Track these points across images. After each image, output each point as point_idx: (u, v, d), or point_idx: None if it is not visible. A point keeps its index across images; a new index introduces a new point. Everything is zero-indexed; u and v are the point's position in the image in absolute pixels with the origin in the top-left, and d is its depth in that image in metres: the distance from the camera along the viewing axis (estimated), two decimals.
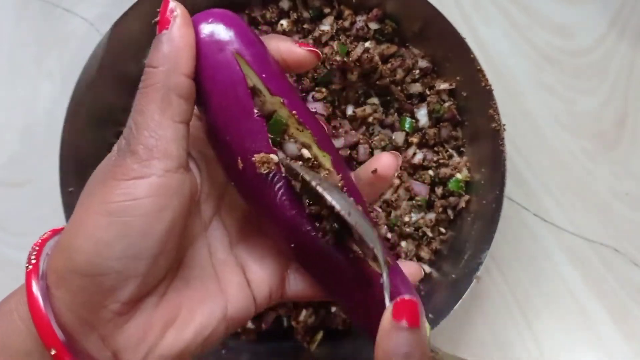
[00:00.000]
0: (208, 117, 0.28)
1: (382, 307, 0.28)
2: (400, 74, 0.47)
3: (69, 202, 0.44)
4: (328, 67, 0.45)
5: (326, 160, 0.29)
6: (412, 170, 0.48)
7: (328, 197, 0.26)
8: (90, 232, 0.25)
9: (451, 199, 0.47)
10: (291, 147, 0.28)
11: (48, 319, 0.25)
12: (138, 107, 0.26)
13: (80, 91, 0.44)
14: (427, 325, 0.31)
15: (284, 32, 0.47)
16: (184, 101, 0.26)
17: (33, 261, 0.26)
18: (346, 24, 0.47)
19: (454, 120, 0.47)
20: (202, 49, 0.27)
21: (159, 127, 0.25)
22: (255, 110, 0.27)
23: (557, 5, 0.52)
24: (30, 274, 0.26)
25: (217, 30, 0.27)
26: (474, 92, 0.45)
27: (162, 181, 0.25)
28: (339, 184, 0.29)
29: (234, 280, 0.31)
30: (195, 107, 0.28)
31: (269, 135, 0.27)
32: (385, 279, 0.26)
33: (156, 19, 0.26)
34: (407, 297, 0.25)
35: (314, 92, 0.46)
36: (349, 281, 0.30)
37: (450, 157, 0.48)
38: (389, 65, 0.47)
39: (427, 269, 0.47)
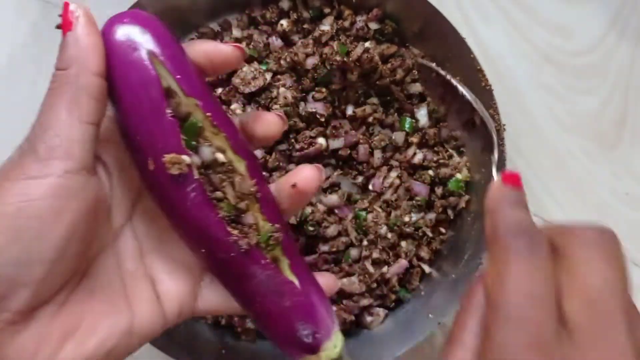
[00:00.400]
0: (121, 117, 0.27)
1: (294, 316, 0.29)
2: (400, 73, 0.47)
3: None
4: (328, 67, 0.45)
5: (241, 165, 0.29)
6: (412, 170, 0.48)
7: (460, 88, 0.27)
8: None
9: (451, 199, 0.47)
10: (206, 151, 0.28)
11: None
12: (45, 106, 0.25)
13: None
14: (340, 336, 0.31)
15: (284, 32, 0.47)
16: (95, 101, 0.25)
17: None
18: (346, 24, 0.47)
19: (454, 119, 0.47)
20: (116, 49, 0.26)
21: (64, 126, 0.24)
22: (169, 111, 0.27)
23: (557, 6, 0.52)
24: None
25: (132, 31, 0.27)
26: (474, 92, 0.45)
27: (60, 182, 0.24)
28: (252, 190, 0.29)
29: (143, 293, 0.30)
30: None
31: (183, 137, 0.27)
32: (495, 153, 0.32)
33: (59, 23, 0.26)
34: (512, 171, 0.25)
35: (314, 92, 0.46)
36: (262, 290, 0.29)
37: (450, 157, 0.48)
38: (389, 65, 0.47)
39: (427, 269, 0.47)
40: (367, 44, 0.46)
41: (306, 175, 0.31)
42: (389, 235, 0.46)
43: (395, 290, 0.46)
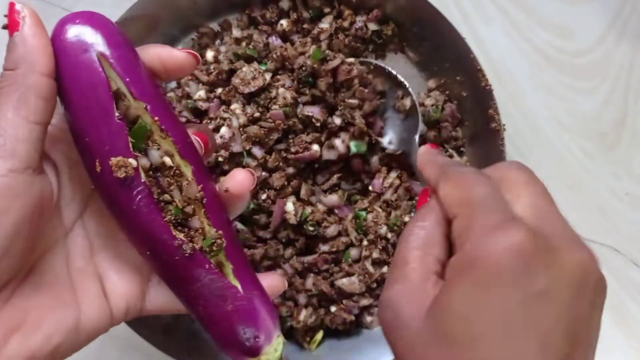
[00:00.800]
0: (70, 118, 0.27)
1: (235, 319, 0.30)
2: (370, 106, 0.45)
3: None
4: (309, 70, 0.44)
5: (188, 170, 0.29)
6: (413, 170, 0.48)
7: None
8: None
9: None
10: (154, 154, 0.28)
11: None
12: None
13: None
14: (281, 340, 0.32)
15: (283, 32, 0.48)
16: (43, 101, 0.25)
17: None
18: (345, 24, 0.47)
19: (454, 119, 0.47)
20: (66, 49, 0.26)
21: (9, 125, 0.24)
22: (117, 114, 0.27)
23: (557, 6, 0.52)
24: None
25: (83, 31, 0.27)
26: (474, 92, 0.45)
27: (4, 181, 0.24)
28: (198, 195, 0.29)
29: (91, 290, 0.30)
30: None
31: (131, 140, 0.27)
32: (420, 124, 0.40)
33: (5, 24, 0.26)
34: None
35: (301, 97, 0.45)
36: (205, 293, 0.30)
37: (451, 157, 0.48)
38: (367, 90, 0.45)
39: None
40: (351, 60, 0.44)
41: (238, 179, 0.31)
42: (389, 235, 0.46)
43: None
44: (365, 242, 0.46)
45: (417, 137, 0.45)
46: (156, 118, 0.28)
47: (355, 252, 0.46)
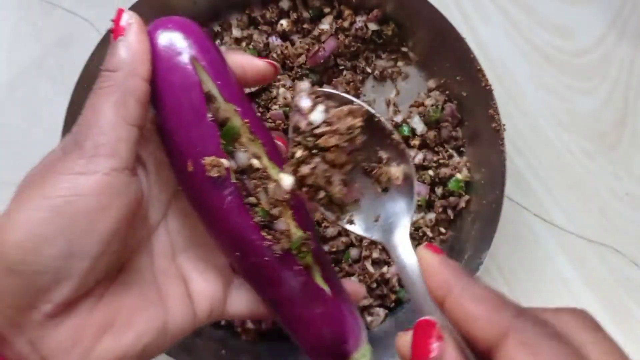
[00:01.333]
0: (161, 120, 0.28)
1: (324, 323, 0.29)
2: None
3: None
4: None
5: (275, 172, 0.29)
6: None
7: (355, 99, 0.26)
8: (28, 227, 0.24)
9: (451, 199, 0.47)
10: (242, 156, 0.28)
11: None
12: (91, 105, 0.26)
13: (80, 91, 0.44)
14: (369, 348, 0.31)
15: (283, 32, 0.48)
16: (139, 104, 0.26)
17: None
18: (345, 24, 0.47)
19: (454, 119, 0.47)
20: (160, 53, 0.27)
21: (110, 126, 0.25)
22: (209, 115, 0.27)
23: (557, 6, 0.52)
24: None
25: (175, 36, 0.27)
26: (474, 92, 0.45)
27: (107, 180, 0.25)
28: (286, 197, 0.29)
29: (176, 291, 0.30)
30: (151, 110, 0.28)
31: (221, 141, 0.28)
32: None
33: (111, 27, 0.27)
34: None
35: None
36: (293, 295, 0.29)
37: (450, 157, 0.48)
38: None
39: None
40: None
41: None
42: None
43: (395, 290, 0.46)
44: (365, 242, 0.46)
45: (407, 225, 0.29)
46: (246, 120, 0.28)
47: (355, 252, 0.46)
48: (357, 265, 0.46)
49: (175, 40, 0.27)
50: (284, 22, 0.47)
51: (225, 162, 0.27)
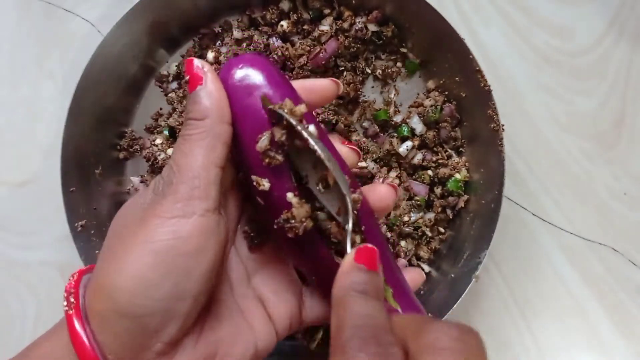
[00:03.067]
0: (241, 157, 0.29)
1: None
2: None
3: (71, 202, 0.44)
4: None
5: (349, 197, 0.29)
6: (412, 170, 0.48)
7: (312, 142, 0.27)
8: (135, 272, 0.25)
9: (450, 198, 0.47)
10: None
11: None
12: (182, 151, 0.27)
13: (81, 92, 0.44)
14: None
15: (284, 33, 0.48)
16: (226, 147, 0.28)
17: (72, 302, 0.26)
18: (345, 25, 0.47)
19: (453, 119, 0.48)
20: (234, 94, 0.28)
21: (202, 169, 0.26)
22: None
23: (555, 6, 0.52)
24: (72, 317, 0.25)
25: (246, 74, 0.29)
26: (473, 93, 0.45)
27: (203, 221, 0.26)
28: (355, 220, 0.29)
29: (257, 314, 0.31)
30: None
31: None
32: (349, 226, 0.27)
33: (186, 78, 0.28)
34: (369, 245, 0.26)
35: None
36: None
37: (450, 157, 0.48)
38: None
39: (427, 268, 0.47)
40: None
41: (380, 194, 0.32)
42: (389, 234, 0.46)
43: None
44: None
45: (348, 238, 0.29)
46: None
47: None
48: None
49: (246, 79, 0.29)
50: (284, 23, 0.48)
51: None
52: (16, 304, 0.50)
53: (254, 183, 0.28)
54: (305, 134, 0.27)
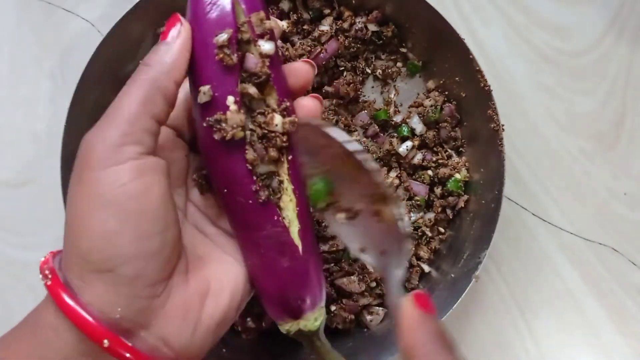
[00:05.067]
0: (193, 70, 0.29)
1: (287, 277, 0.30)
2: None
3: None
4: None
5: (278, 120, 0.30)
6: (412, 170, 0.48)
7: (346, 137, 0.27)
8: (95, 228, 0.25)
9: (450, 198, 0.47)
10: (252, 90, 0.29)
11: (92, 318, 0.25)
12: (121, 94, 0.27)
13: (81, 92, 0.44)
14: (323, 312, 0.32)
15: (284, 33, 0.48)
16: (166, 104, 0.28)
17: (48, 274, 0.26)
18: (345, 25, 0.47)
19: (453, 119, 0.48)
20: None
21: (136, 117, 0.26)
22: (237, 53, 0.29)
23: (555, 6, 0.52)
24: (55, 287, 0.26)
25: None
26: (473, 93, 0.45)
27: (140, 163, 0.26)
28: (284, 145, 0.30)
29: (235, 246, 0.32)
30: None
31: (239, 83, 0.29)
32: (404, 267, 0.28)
33: (161, 29, 0.28)
34: (420, 291, 0.26)
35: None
36: (266, 243, 0.31)
37: (450, 157, 0.48)
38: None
39: (427, 268, 0.47)
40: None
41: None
42: None
43: None
44: None
45: (403, 267, 0.28)
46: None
47: None
48: (357, 264, 0.46)
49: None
50: (284, 23, 0.48)
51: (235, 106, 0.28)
52: (16, 304, 0.50)
53: (198, 93, 0.28)
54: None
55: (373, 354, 0.44)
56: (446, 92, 0.48)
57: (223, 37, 0.28)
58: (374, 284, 0.46)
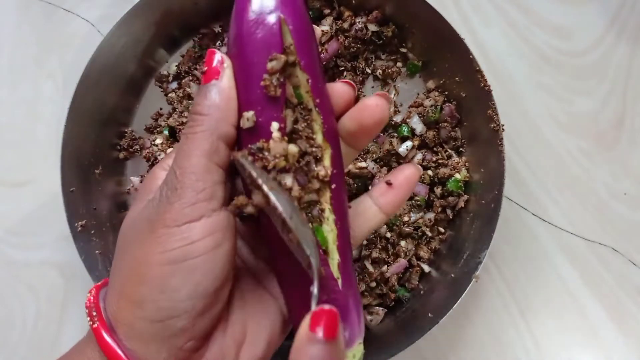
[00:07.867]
0: (235, 70, 0.28)
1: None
2: None
3: (70, 202, 0.44)
4: None
5: (327, 154, 0.29)
6: None
7: (272, 198, 0.25)
8: (156, 281, 0.25)
9: (450, 198, 0.47)
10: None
11: None
12: (184, 151, 0.26)
13: (81, 92, 0.44)
14: (361, 348, 0.31)
15: None
16: (228, 148, 0.27)
17: (95, 315, 0.26)
18: (345, 25, 0.47)
19: (453, 119, 0.48)
20: (252, 6, 0.28)
21: (206, 172, 0.26)
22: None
23: (555, 6, 0.52)
24: (99, 329, 0.26)
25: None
26: (473, 93, 0.45)
27: (212, 221, 0.26)
28: (327, 179, 0.29)
29: (273, 281, 0.31)
30: None
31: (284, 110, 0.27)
32: (315, 287, 0.26)
33: (204, 69, 0.27)
34: (327, 307, 0.25)
35: None
36: (306, 275, 0.29)
37: (450, 157, 0.48)
38: None
39: (427, 268, 0.47)
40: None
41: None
42: (389, 234, 0.46)
43: (395, 290, 0.47)
44: (364, 242, 0.46)
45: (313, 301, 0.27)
46: (315, 98, 0.28)
47: (355, 251, 0.46)
48: (357, 264, 0.46)
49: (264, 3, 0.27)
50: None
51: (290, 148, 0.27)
52: (16, 304, 0.50)
53: (241, 118, 0.27)
54: (265, 189, 0.25)
55: (373, 354, 0.44)
56: (446, 92, 0.48)
57: (274, 64, 0.26)
58: (374, 284, 0.46)
